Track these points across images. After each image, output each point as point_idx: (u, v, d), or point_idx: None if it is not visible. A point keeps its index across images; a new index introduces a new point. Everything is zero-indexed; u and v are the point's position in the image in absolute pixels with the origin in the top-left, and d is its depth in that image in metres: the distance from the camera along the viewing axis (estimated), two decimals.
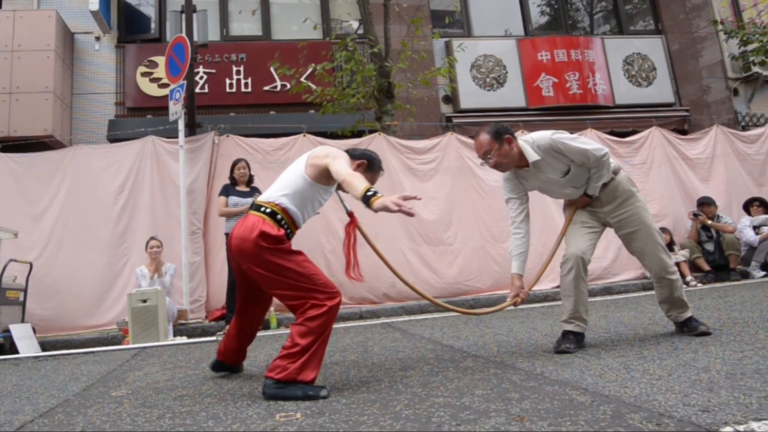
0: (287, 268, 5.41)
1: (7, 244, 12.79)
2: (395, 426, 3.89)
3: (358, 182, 5.14)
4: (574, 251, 6.72)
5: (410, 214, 4.74)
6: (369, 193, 4.94)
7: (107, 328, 12.91)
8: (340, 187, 6.11)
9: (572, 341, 6.50)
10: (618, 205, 6.97)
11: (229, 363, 6.70)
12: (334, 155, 5.64)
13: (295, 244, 13.55)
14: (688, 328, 6.82)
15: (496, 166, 6.64)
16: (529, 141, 6.62)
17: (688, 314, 6.89)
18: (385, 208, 4.80)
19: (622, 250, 13.07)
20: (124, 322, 11.71)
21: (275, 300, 6.35)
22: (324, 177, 5.68)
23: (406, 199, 4.90)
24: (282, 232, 5.58)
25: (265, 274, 5.46)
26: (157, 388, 6.14)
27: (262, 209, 5.65)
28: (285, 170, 6.00)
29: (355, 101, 17.17)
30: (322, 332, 5.28)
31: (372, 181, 5.97)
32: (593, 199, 6.98)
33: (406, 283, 6.61)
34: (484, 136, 6.59)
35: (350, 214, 6.39)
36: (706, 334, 6.58)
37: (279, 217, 5.63)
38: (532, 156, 6.51)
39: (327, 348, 8.09)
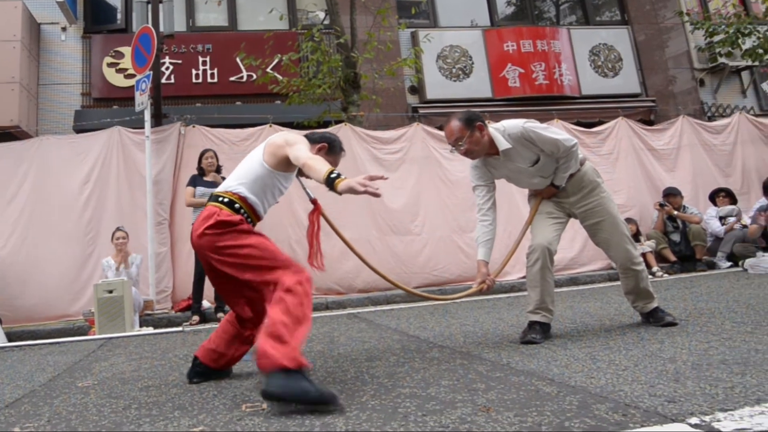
0: (243, 246, 5.17)
1: None
2: (361, 416, 3.93)
3: (320, 165, 5.02)
4: (540, 242, 6.74)
5: (376, 195, 4.64)
6: (332, 176, 4.81)
7: (73, 318, 12.86)
8: (301, 174, 5.79)
9: (538, 332, 6.54)
10: (583, 196, 7.01)
11: (215, 366, 5.88)
12: (293, 141, 5.49)
13: (264, 231, 13.55)
14: (654, 318, 6.87)
15: (467, 154, 6.61)
16: (500, 129, 6.62)
17: (654, 305, 6.94)
18: (351, 190, 4.66)
19: (589, 241, 13.07)
20: (90, 313, 11.69)
21: None
22: (283, 164, 5.54)
23: (372, 179, 4.76)
24: (239, 218, 5.36)
25: (227, 261, 5.20)
26: (123, 378, 6.16)
27: (220, 199, 5.45)
28: (243, 160, 5.83)
29: (321, 92, 17.19)
30: (307, 308, 4.83)
31: (334, 164, 5.89)
32: (559, 189, 7.00)
33: (375, 270, 6.64)
34: (456, 123, 6.54)
35: (314, 202, 6.22)
36: (672, 324, 6.64)
37: (237, 206, 5.42)
38: (502, 144, 6.52)
39: None
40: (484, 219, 6.89)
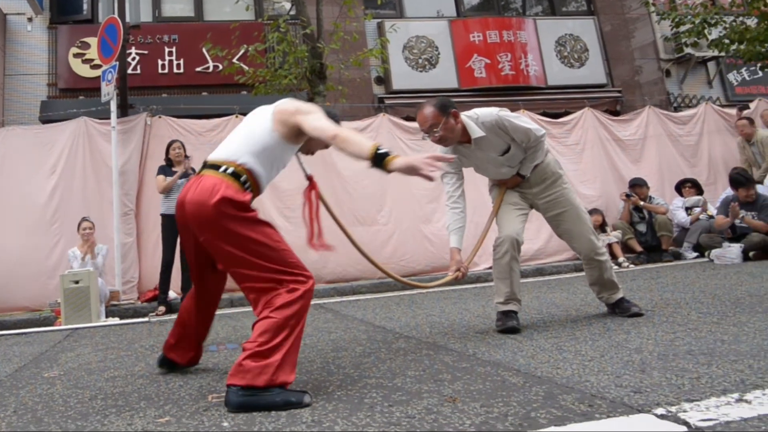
0: (255, 241, 4.45)
1: None
2: (327, 407, 3.95)
3: (360, 138, 4.49)
4: (508, 233, 6.73)
5: (430, 179, 4.28)
6: (382, 151, 4.27)
7: (39, 309, 12.81)
8: (302, 147, 5.33)
9: (515, 318, 6.56)
10: (546, 187, 7.02)
11: (183, 361, 5.65)
12: (307, 109, 4.86)
13: None
14: (620, 309, 6.91)
15: (440, 141, 6.53)
16: (473, 117, 6.59)
17: (620, 295, 6.98)
18: (410, 169, 4.20)
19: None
20: (57, 303, 11.72)
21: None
22: (294, 135, 4.88)
23: (438, 159, 4.31)
24: (248, 197, 4.64)
25: (227, 249, 4.48)
26: (89, 369, 6.17)
27: (222, 169, 4.66)
28: (240, 125, 5.08)
29: (288, 82, 17.26)
30: (297, 323, 4.34)
31: None
32: (524, 179, 7.02)
33: (367, 257, 6.57)
34: (430, 109, 6.41)
35: (309, 178, 5.65)
36: (638, 315, 6.68)
37: (243, 178, 4.66)
38: (476, 132, 6.50)
39: None
40: (455, 207, 6.85)
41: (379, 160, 4.26)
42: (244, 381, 4.09)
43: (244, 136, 4.91)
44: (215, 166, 4.71)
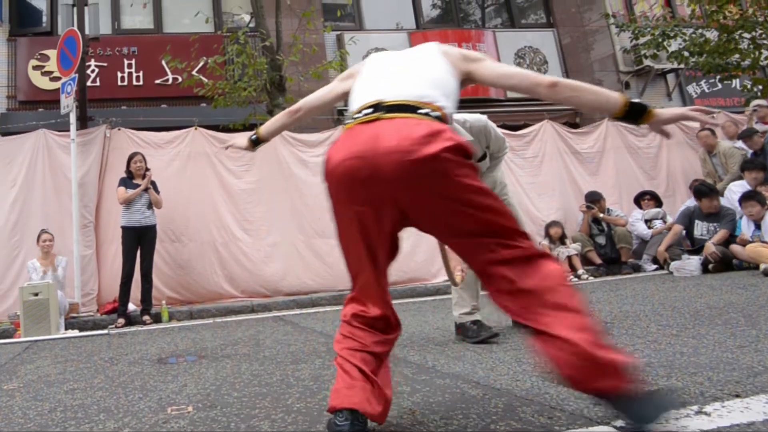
0: (488, 194, 3.36)
1: None
2: (287, 419, 3.96)
3: (598, 88, 3.64)
4: None
5: (714, 124, 3.78)
6: (637, 101, 3.50)
7: None
8: None
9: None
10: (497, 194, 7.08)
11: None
12: (476, 56, 3.89)
13: (186, 234, 13.50)
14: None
15: None
16: (460, 120, 6.55)
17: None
18: (680, 118, 3.53)
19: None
20: (16, 316, 11.71)
21: (165, 291, 5.81)
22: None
23: (706, 113, 3.50)
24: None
25: (454, 208, 3.30)
26: (48, 381, 6.17)
27: (422, 111, 3.46)
28: (395, 62, 3.90)
29: (247, 94, 17.30)
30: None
31: None
32: None
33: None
34: None
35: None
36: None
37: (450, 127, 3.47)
38: (464, 135, 6.36)
39: (218, 341, 8.20)
40: None
41: (637, 111, 3.51)
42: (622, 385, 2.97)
43: (421, 74, 3.74)
44: (408, 107, 3.49)
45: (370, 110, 3.55)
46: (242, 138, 4.89)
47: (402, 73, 3.78)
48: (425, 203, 3.35)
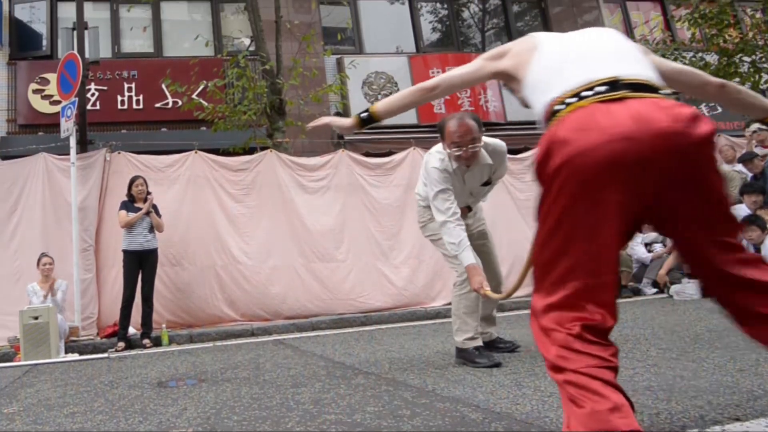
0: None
1: None
2: None
3: (759, 95, 3.60)
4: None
5: None
6: None
7: None
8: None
9: (489, 354, 6.63)
10: (476, 219, 7.34)
11: None
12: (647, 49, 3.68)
13: (187, 258, 13.45)
14: (496, 347, 7.13)
15: (470, 157, 6.46)
16: (481, 144, 6.61)
17: (496, 334, 7.31)
18: None
19: (515, 267, 13.01)
20: (16, 339, 11.67)
21: (165, 314, 5.79)
22: None
23: None
24: None
25: (713, 197, 3.08)
26: (48, 405, 6.16)
27: (664, 92, 3.21)
28: (605, 42, 3.52)
29: (247, 118, 17.25)
30: None
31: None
32: (469, 211, 7.21)
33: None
34: (473, 123, 6.38)
35: None
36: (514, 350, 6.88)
37: None
38: (485, 158, 6.62)
39: (218, 365, 8.20)
40: (459, 223, 6.60)
41: None
42: None
43: (635, 56, 3.44)
44: (650, 87, 3.18)
45: (605, 87, 3.14)
46: (340, 119, 4.36)
47: (619, 52, 3.43)
48: (694, 189, 3.04)
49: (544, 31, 4.00)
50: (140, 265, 12.54)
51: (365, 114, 4.12)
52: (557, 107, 3.17)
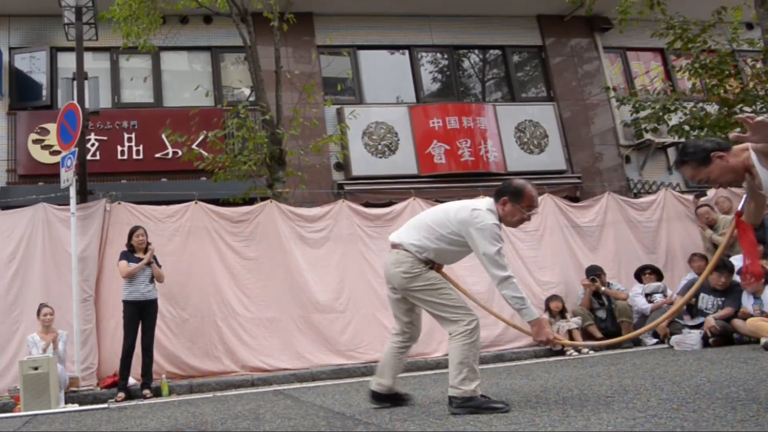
0: None
1: None
2: None
3: None
4: (476, 315, 6.81)
5: None
6: None
7: None
8: None
9: (496, 400, 6.68)
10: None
11: None
12: None
13: (187, 309, 13.51)
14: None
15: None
16: None
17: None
18: None
19: (515, 318, 13.05)
20: (16, 390, 11.62)
21: (165, 365, 5.86)
22: None
23: None
24: None
25: None
26: None
27: None
28: None
29: (247, 168, 17.24)
30: None
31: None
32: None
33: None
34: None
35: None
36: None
37: None
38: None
39: (218, 415, 8.18)
40: (515, 279, 6.80)
41: None
42: None
43: None
44: None
45: None
46: None
47: None
48: None
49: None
50: (140, 315, 12.56)
51: None
52: None
